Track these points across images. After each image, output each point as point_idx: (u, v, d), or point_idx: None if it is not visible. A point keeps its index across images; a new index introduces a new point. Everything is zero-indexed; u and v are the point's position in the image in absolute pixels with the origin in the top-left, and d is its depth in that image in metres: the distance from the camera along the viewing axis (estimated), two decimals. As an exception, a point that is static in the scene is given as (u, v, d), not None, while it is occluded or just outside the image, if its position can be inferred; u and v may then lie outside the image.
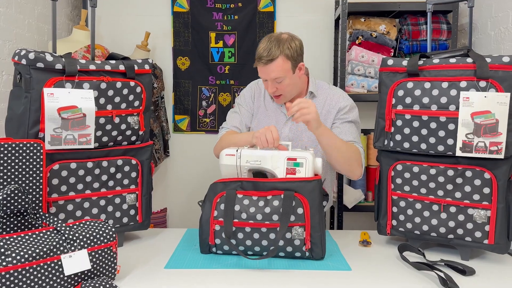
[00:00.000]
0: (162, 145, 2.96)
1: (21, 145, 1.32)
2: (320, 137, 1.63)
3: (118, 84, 1.56)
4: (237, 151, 1.53)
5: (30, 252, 1.10)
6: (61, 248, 1.16)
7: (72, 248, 1.17)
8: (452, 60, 1.49)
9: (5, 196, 1.21)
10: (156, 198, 3.01)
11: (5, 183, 1.29)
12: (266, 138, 1.54)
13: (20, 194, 1.23)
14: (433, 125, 1.49)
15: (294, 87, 1.80)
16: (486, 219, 1.45)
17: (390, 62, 1.58)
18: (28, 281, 1.09)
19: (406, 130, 1.54)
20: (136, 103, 1.62)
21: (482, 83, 1.42)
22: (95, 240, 1.22)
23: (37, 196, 1.35)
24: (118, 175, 1.59)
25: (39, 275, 1.11)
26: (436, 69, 1.50)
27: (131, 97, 1.60)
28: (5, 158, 1.29)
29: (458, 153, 1.44)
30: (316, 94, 1.86)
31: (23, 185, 1.32)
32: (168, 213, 3.11)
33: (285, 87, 1.74)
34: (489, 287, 1.29)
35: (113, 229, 1.27)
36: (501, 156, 1.40)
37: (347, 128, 1.79)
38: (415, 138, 1.53)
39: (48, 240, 1.15)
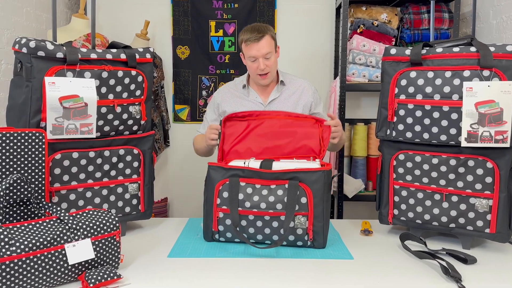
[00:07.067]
0: (162, 135, 2.95)
1: (23, 134, 1.32)
2: (338, 143, 1.86)
3: (120, 73, 1.55)
4: (244, 163, 1.54)
5: (34, 241, 1.10)
6: (65, 238, 1.16)
7: (76, 237, 1.17)
8: (456, 49, 1.48)
9: (8, 185, 1.20)
10: (156, 188, 2.98)
11: (7, 173, 1.29)
12: (211, 137, 1.77)
13: (22, 184, 1.23)
14: (436, 114, 1.48)
15: (276, 66, 2.00)
16: (488, 208, 1.45)
17: (393, 51, 1.57)
18: (32, 270, 1.09)
19: (409, 120, 1.53)
20: (138, 93, 1.61)
21: (486, 72, 1.42)
22: (98, 229, 1.22)
23: (40, 185, 1.35)
24: (120, 165, 1.59)
25: (43, 264, 1.11)
26: (440, 58, 1.49)
27: (132, 87, 1.58)
28: (7, 147, 1.29)
29: (464, 143, 1.44)
30: (285, 83, 2.05)
31: (26, 174, 1.32)
32: (169, 202, 3.12)
33: (272, 63, 1.94)
34: (491, 275, 1.30)
35: (116, 219, 1.27)
36: (507, 144, 1.40)
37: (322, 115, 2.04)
38: (417, 128, 1.52)
39: (51, 230, 1.15)
